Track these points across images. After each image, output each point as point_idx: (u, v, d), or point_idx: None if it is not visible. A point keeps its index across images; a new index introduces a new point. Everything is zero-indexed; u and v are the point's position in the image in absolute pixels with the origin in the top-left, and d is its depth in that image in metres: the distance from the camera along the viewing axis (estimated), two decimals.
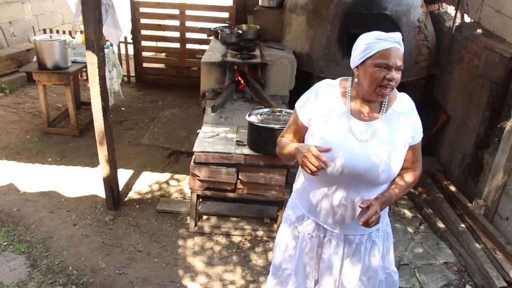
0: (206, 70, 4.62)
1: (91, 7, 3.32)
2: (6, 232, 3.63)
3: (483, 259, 3.34)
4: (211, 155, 3.49)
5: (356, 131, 1.93)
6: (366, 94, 1.90)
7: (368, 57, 1.84)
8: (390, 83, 1.82)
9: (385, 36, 1.83)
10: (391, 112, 1.97)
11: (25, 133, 5.42)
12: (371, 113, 1.96)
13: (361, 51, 1.87)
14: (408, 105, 2.03)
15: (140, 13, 7.02)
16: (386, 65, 1.80)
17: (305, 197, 2.14)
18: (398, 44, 1.84)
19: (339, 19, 4.75)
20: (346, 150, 1.89)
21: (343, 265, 2.15)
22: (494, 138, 3.95)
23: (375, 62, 1.81)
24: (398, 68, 1.82)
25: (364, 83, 1.88)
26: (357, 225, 2.01)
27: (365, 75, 1.86)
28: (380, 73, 1.81)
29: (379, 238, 2.16)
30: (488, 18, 4.38)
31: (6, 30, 7.16)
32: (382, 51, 1.81)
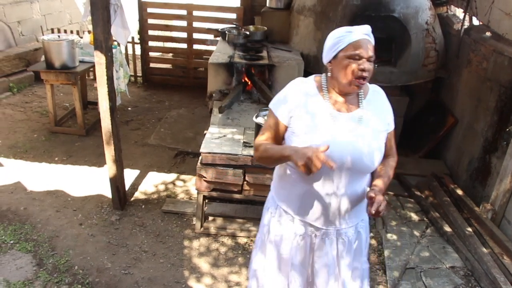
0: (213, 71, 4.62)
1: (100, 7, 3.33)
2: (13, 231, 3.65)
3: (490, 263, 3.32)
4: (218, 156, 3.49)
5: (340, 123, 1.95)
6: (342, 87, 1.93)
7: (340, 50, 1.88)
8: (363, 74, 1.85)
9: (355, 28, 1.89)
10: (368, 102, 2.03)
11: (32, 132, 5.45)
12: (350, 105, 2.00)
13: (332, 45, 1.91)
14: (381, 95, 2.10)
15: (147, 14, 7.04)
16: (358, 56, 1.85)
17: (292, 200, 2.10)
18: (368, 36, 1.89)
19: (347, 21, 4.73)
20: (335, 144, 1.88)
21: (338, 262, 2.16)
22: (502, 142, 3.92)
23: (347, 54, 1.86)
24: (370, 58, 1.87)
25: (339, 77, 1.91)
26: (348, 218, 2.07)
27: (339, 68, 1.90)
28: (354, 64, 1.85)
29: (363, 228, 2.20)
30: (497, 21, 4.36)
31: (15, 30, 7.20)
32: (353, 43, 1.86)
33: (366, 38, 1.88)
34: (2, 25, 6.95)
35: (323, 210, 2.04)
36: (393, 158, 2.20)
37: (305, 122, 1.94)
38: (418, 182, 4.64)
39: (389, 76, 4.81)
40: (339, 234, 2.10)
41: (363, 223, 2.20)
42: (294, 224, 2.12)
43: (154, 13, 7.11)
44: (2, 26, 6.95)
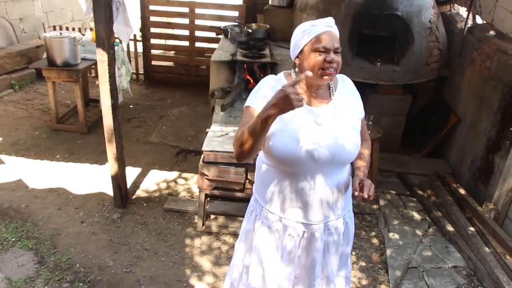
0: (216, 68, 4.61)
1: (102, 4, 3.31)
2: (15, 228, 3.65)
3: (493, 263, 3.31)
4: (220, 154, 3.48)
5: (316, 117, 1.95)
6: (312, 80, 1.92)
7: (305, 44, 1.89)
8: (331, 65, 1.85)
9: (318, 21, 1.91)
10: (339, 93, 2.04)
11: (34, 129, 5.44)
12: (322, 98, 2.01)
13: (298, 40, 1.92)
14: (350, 84, 2.13)
15: (149, 11, 7.02)
16: (324, 48, 1.85)
17: (277, 200, 2.07)
18: (331, 28, 1.90)
19: (350, 19, 4.72)
20: (312, 137, 1.89)
21: (327, 255, 2.17)
22: (505, 142, 3.90)
23: (313, 47, 1.87)
24: (336, 50, 1.87)
25: (305, 70, 1.89)
26: (335, 210, 2.08)
27: (306, 62, 1.90)
28: (320, 56, 1.85)
29: (350, 218, 2.22)
30: (501, 19, 4.33)
31: (17, 27, 7.20)
32: (318, 36, 1.87)
33: (330, 29, 1.88)
34: (4, 22, 6.94)
35: (308, 205, 2.02)
36: (367, 142, 2.26)
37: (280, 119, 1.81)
38: (421, 181, 4.63)
39: (392, 74, 4.79)
40: (327, 227, 2.10)
41: (350, 213, 2.22)
42: (281, 223, 2.10)
43: (156, 10, 7.09)
44: (4, 23, 6.94)
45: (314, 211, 2.04)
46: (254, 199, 2.24)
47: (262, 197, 2.15)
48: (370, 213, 4.16)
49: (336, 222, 2.12)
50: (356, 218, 3.89)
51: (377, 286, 3.33)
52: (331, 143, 1.91)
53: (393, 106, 5.05)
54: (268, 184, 2.09)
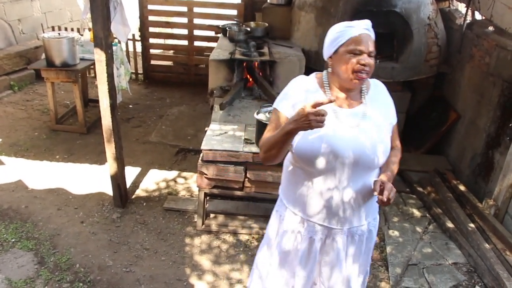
0: (214, 67, 4.60)
1: (99, 4, 3.31)
2: (14, 229, 3.65)
3: (493, 260, 3.30)
4: (219, 153, 3.47)
5: (343, 119, 1.93)
6: (343, 82, 1.91)
7: (340, 45, 1.87)
8: (364, 68, 1.84)
9: (355, 23, 1.88)
10: (371, 96, 2.02)
11: (33, 130, 5.44)
12: (353, 101, 1.98)
13: (332, 40, 1.90)
14: (383, 89, 2.10)
15: (148, 10, 7.01)
16: (359, 51, 1.84)
17: (300, 201, 2.07)
18: (368, 31, 1.88)
19: (348, 16, 4.70)
20: (338, 140, 1.88)
21: (347, 260, 2.15)
22: (505, 137, 3.90)
23: (348, 48, 1.85)
24: (370, 53, 1.86)
25: (339, 72, 1.89)
26: (358, 216, 2.05)
27: (339, 63, 1.88)
28: (354, 58, 1.84)
29: (374, 227, 2.19)
30: (500, 15, 4.32)
31: (15, 28, 7.19)
32: (354, 38, 1.85)
33: (366, 32, 1.87)
34: (3, 23, 6.94)
35: (331, 209, 2.01)
36: (398, 149, 2.20)
37: None
38: (421, 178, 4.62)
39: (391, 71, 4.79)
40: (349, 233, 2.08)
41: (374, 222, 2.17)
42: (304, 225, 2.10)
43: (154, 10, 7.08)
44: (3, 24, 6.94)
45: (337, 215, 2.02)
46: (279, 199, 2.26)
47: (286, 197, 2.17)
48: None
49: (359, 229, 2.09)
50: None
51: (377, 283, 3.33)
52: (354, 146, 1.89)
53: None
54: (293, 184, 2.10)
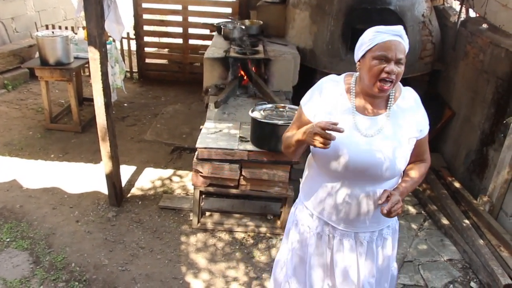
0: (209, 65, 4.60)
1: (93, 2, 3.29)
2: (9, 229, 3.63)
3: (488, 256, 3.32)
4: (214, 151, 3.47)
5: (361, 126, 1.90)
6: (367, 88, 1.87)
7: (368, 50, 1.82)
8: (389, 76, 1.78)
9: (385, 29, 1.82)
10: (396, 108, 1.94)
11: (27, 129, 5.42)
12: (376, 109, 1.93)
13: (361, 44, 1.87)
14: (413, 100, 2.00)
15: (142, 9, 6.99)
16: (385, 57, 1.78)
17: (311, 195, 2.11)
18: (399, 37, 1.81)
19: (343, 14, 4.71)
20: (351, 146, 1.86)
21: (358, 265, 2.11)
22: (499, 134, 3.91)
23: (374, 54, 1.79)
24: (398, 61, 1.79)
25: (364, 77, 1.86)
26: (366, 222, 2.01)
27: (365, 69, 1.84)
28: (379, 65, 1.78)
29: (389, 235, 2.14)
30: (494, 12, 4.34)
31: (9, 26, 7.15)
32: (381, 44, 1.79)
33: (395, 39, 1.80)
34: None
35: (340, 210, 2.01)
36: (424, 163, 2.10)
37: None
38: None
39: None
40: (356, 237, 2.06)
41: (389, 230, 2.13)
42: (312, 220, 2.12)
43: (149, 8, 7.06)
44: None
45: (343, 216, 2.02)
46: (299, 195, 2.28)
47: (302, 191, 2.21)
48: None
49: (367, 235, 2.07)
50: None
51: None
52: (367, 155, 1.86)
53: None
54: (310, 181, 2.13)
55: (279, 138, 3.30)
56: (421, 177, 2.07)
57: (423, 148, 2.06)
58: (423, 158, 2.09)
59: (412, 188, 2.04)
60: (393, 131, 1.91)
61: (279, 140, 3.32)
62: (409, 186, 1.99)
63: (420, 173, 2.06)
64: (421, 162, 2.09)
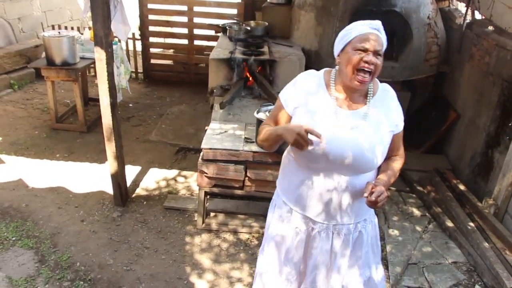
0: (214, 66, 4.61)
1: (99, 3, 3.31)
2: (15, 227, 3.65)
3: (492, 259, 3.31)
4: (219, 152, 3.48)
5: (342, 119, 1.94)
6: (347, 81, 1.91)
7: (348, 42, 1.89)
8: (369, 66, 1.83)
9: (364, 22, 1.90)
10: (376, 101, 2.01)
11: (33, 129, 5.44)
12: (356, 103, 1.99)
13: (341, 37, 1.93)
14: (391, 95, 2.08)
15: (148, 9, 7.01)
16: (363, 48, 1.84)
17: (291, 191, 2.13)
18: (377, 31, 1.88)
19: (348, 15, 4.71)
20: (332, 138, 1.89)
21: (334, 258, 2.16)
22: (505, 137, 3.90)
23: (354, 46, 1.86)
24: (376, 52, 1.85)
25: (344, 69, 1.91)
26: (345, 215, 2.07)
27: (345, 61, 1.90)
28: (358, 55, 1.84)
29: (365, 228, 2.18)
30: (500, 15, 4.33)
31: (15, 26, 7.19)
32: (360, 36, 1.86)
33: (375, 32, 1.87)
34: (3, 21, 6.94)
35: (320, 204, 2.04)
36: (400, 158, 2.17)
37: (307, 116, 1.96)
38: (420, 178, 4.63)
39: (391, 71, 4.79)
40: (335, 229, 2.10)
41: (366, 223, 2.17)
42: (292, 215, 2.14)
43: (154, 8, 7.08)
44: (3, 23, 6.94)
45: (322, 209, 2.05)
46: (276, 190, 2.30)
47: (280, 186, 2.23)
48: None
49: (345, 227, 2.10)
50: None
51: None
52: (346, 148, 1.90)
53: None
54: (288, 175, 2.15)
55: None
56: (398, 172, 2.14)
57: (398, 143, 2.14)
58: (398, 153, 2.17)
59: (391, 182, 2.07)
60: (373, 124, 1.96)
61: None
62: (388, 179, 2.04)
63: (397, 168, 2.13)
64: (399, 158, 2.17)
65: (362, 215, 2.13)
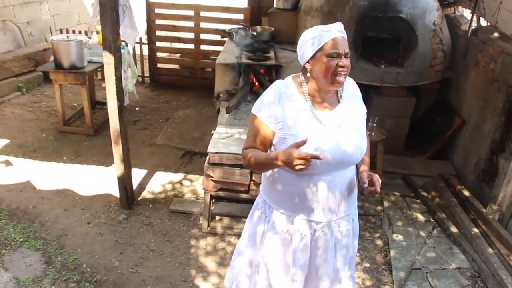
0: (221, 71, 4.65)
1: (109, 8, 3.36)
2: (22, 229, 3.69)
3: (497, 265, 3.31)
4: (225, 156, 3.51)
5: (324, 121, 1.98)
6: (323, 85, 1.96)
7: (318, 49, 1.92)
8: (343, 70, 1.90)
9: (328, 27, 1.93)
10: (347, 96, 2.09)
11: (41, 131, 5.50)
12: (331, 102, 2.04)
13: (309, 45, 1.94)
14: (354, 86, 2.16)
15: (155, 14, 7.07)
16: (336, 54, 1.89)
17: (288, 200, 2.10)
18: (342, 33, 1.94)
19: (354, 22, 4.74)
20: (317, 143, 1.92)
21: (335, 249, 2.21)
22: (509, 143, 3.91)
23: (326, 52, 1.90)
24: (346, 55, 1.92)
25: (318, 75, 1.94)
26: (343, 208, 2.12)
27: (318, 67, 1.93)
28: (333, 61, 1.89)
29: (356, 215, 2.28)
30: (505, 21, 4.34)
31: (24, 30, 7.27)
32: (330, 41, 1.90)
33: (341, 35, 1.93)
34: (12, 25, 7.02)
35: (316, 205, 2.06)
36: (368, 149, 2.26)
37: (290, 126, 1.97)
38: (425, 183, 4.64)
39: (396, 76, 4.81)
40: (336, 224, 2.15)
41: (355, 211, 2.27)
42: (292, 224, 2.13)
43: (161, 13, 7.15)
44: (12, 27, 7.02)
45: (322, 210, 2.08)
46: (262, 200, 2.25)
47: (271, 198, 2.18)
48: (375, 215, 4.18)
49: (343, 220, 2.16)
50: (361, 220, 3.91)
51: (381, 287, 3.35)
52: (334, 148, 1.95)
53: (397, 108, 5.06)
54: (278, 184, 2.12)
55: None
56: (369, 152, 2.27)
57: None
58: None
59: (368, 161, 2.24)
60: (354, 117, 2.06)
61: None
62: (368, 168, 2.18)
63: (368, 158, 2.26)
64: None
65: (353, 205, 2.22)
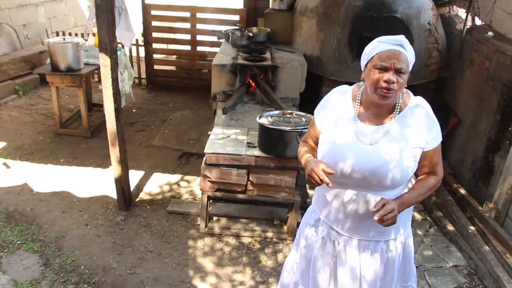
0: (217, 72, 4.66)
1: (104, 10, 3.37)
2: (20, 231, 3.69)
3: (493, 262, 3.33)
4: (222, 156, 3.52)
5: (363, 134, 1.94)
6: (370, 97, 1.90)
7: (369, 59, 1.88)
8: (388, 85, 1.79)
9: (386, 38, 1.85)
10: (402, 117, 1.93)
11: (38, 134, 5.50)
12: (381, 117, 1.95)
13: (364, 54, 1.92)
14: (422, 110, 1.95)
15: (151, 16, 7.07)
16: (383, 67, 1.80)
17: (320, 200, 2.16)
18: (400, 47, 1.82)
19: (350, 22, 4.76)
20: (353, 153, 1.91)
21: (360, 273, 2.10)
22: (505, 141, 3.93)
23: (374, 64, 1.84)
24: (398, 70, 1.80)
25: (367, 86, 1.91)
26: (371, 230, 2.03)
27: (367, 78, 1.89)
28: (378, 75, 1.81)
29: (395, 248, 2.10)
30: (499, 20, 4.37)
31: (20, 33, 7.27)
32: (380, 53, 1.82)
33: (395, 48, 1.81)
34: (8, 28, 7.01)
35: (345, 216, 2.04)
36: (435, 176, 2.04)
37: (330, 131, 2.01)
38: None
39: None
40: (361, 245, 2.07)
41: (395, 243, 2.10)
42: (319, 224, 2.17)
43: (158, 15, 7.15)
44: (8, 30, 7.01)
45: (348, 223, 2.05)
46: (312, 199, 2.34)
47: (315, 196, 2.27)
48: None
49: (371, 243, 2.06)
50: None
51: None
52: (364, 164, 1.89)
53: None
54: (321, 189, 2.15)
55: (286, 144, 3.37)
56: (429, 190, 2.02)
57: (434, 160, 2.00)
58: (434, 171, 2.04)
59: (417, 200, 1.99)
60: (394, 141, 1.90)
61: (286, 146, 3.37)
62: (412, 197, 1.95)
63: (427, 186, 2.01)
64: (431, 175, 2.04)
65: (390, 233, 2.06)
